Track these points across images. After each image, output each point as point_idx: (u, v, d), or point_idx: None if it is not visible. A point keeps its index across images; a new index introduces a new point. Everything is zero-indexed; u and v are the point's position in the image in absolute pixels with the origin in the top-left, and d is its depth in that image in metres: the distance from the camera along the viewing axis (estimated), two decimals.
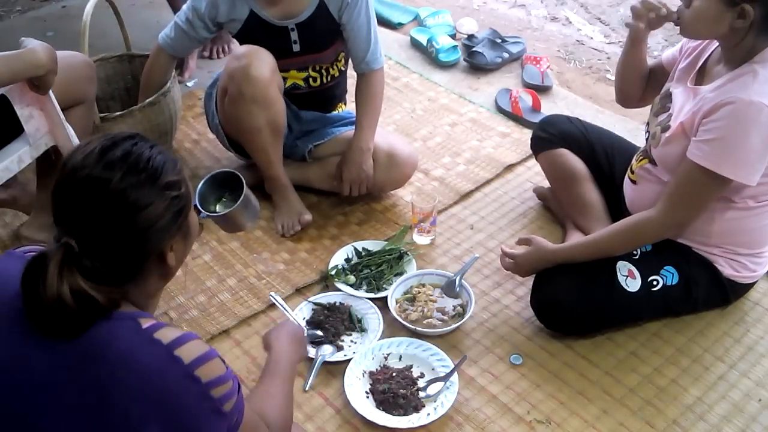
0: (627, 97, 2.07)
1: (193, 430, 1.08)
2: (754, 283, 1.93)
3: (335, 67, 2.37)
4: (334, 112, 2.51)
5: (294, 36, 2.21)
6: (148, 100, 2.42)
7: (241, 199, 1.61)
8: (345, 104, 2.57)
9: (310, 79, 2.33)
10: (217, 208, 1.72)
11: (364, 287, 2.08)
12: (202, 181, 1.66)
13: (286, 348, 1.51)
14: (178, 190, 1.14)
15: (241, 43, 2.25)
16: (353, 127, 2.41)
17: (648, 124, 1.91)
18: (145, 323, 1.08)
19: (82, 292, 1.03)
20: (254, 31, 2.20)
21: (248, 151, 2.30)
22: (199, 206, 1.57)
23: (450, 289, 2.03)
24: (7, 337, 1.08)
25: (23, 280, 1.04)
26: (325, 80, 2.36)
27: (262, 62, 2.11)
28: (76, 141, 2.05)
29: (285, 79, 2.28)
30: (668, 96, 1.84)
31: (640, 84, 2.01)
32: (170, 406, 1.05)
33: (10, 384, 1.06)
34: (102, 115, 2.34)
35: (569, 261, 1.84)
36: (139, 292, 1.15)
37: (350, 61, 2.38)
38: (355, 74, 2.37)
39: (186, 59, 3.17)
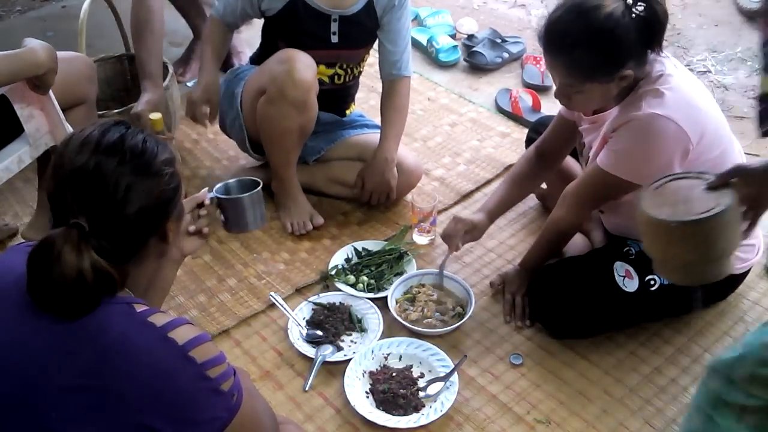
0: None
1: (192, 410, 1.09)
2: (748, 272, 1.93)
3: (359, 67, 2.39)
4: (347, 113, 2.51)
5: (334, 27, 2.20)
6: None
7: (255, 190, 1.68)
8: (354, 104, 2.57)
9: (336, 77, 2.32)
10: None
11: (364, 287, 2.08)
12: (225, 182, 1.74)
13: None
14: (173, 167, 1.20)
15: (275, 28, 2.24)
16: (364, 130, 2.43)
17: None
18: (139, 308, 1.11)
19: (100, 268, 1.07)
20: (295, 14, 2.17)
21: (269, 151, 2.29)
22: (216, 193, 1.64)
23: (438, 282, 2.05)
24: (4, 322, 1.10)
25: (32, 261, 1.06)
26: (347, 79, 2.36)
27: (306, 67, 2.11)
28: None
29: None
30: (588, 147, 1.92)
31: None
32: (167, 387, 1.07)
33: (8, 367, 1.08)
34: (100, 112, 2.34)
35: (531, 265, 2.00)
36: (138, 274, 1.19)
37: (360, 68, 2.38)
38: (362, 76, 2.38)
39: (189, 60, 3.16)
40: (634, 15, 1.59)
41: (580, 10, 1.62)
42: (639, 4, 1.59)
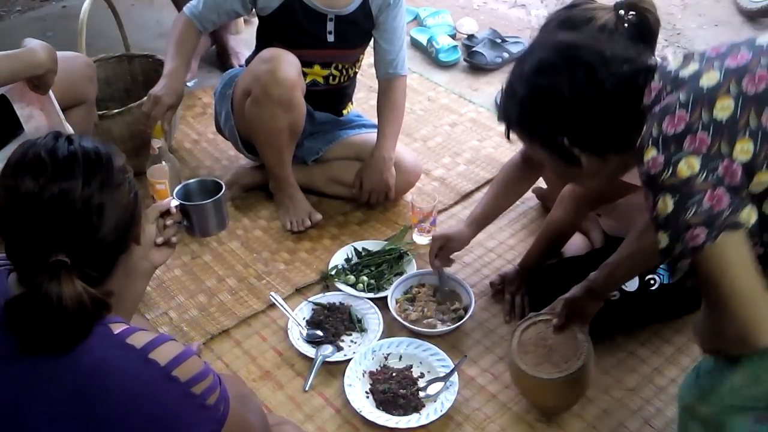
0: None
1: (180, 428, 1.07)
2: None
3: (354, 67, 2.38)
4: (344, 113, 2.51)
5: (330, 26, 2.19)
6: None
7: (218, 196, 1.60)
8: (352, 103, 2.57)
9: (331, 78, 2.32)
10: None
11: (364, 287, 2.08)
12: (184, 183, 1.66)
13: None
14: (129, 171, 1.15)
15: (270, 28, 2.23)
16: (362, 130, 2.42)
17: None
18: (117, 329, 1.07)
19: (93, 297, 1.02)
20: (292, 13, 2.16)
21: (261, 152, 2.29)
22: (176, 197, 1.55)
23: (443, 285, 2.04)
24: None
25: (21, 309, 1.00)
26: (342, 80, 2.36)
27: (290, 65, 2.10)
28: None
29: (305, 74, 2.24)
30: None
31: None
32: (152, 410, 1.04)
33: None
34: (101, 112, 2.34)
35: (530, 265, 2.00)
36: (112, 286, 1.14)
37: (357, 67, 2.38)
38: (362, 76, 2.37)
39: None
40: (626, 24, 1.60)
41: (573, 23, 1.62)
42: (630, 13, 1.60)
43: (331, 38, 2.22)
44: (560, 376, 1.63)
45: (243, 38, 3.23)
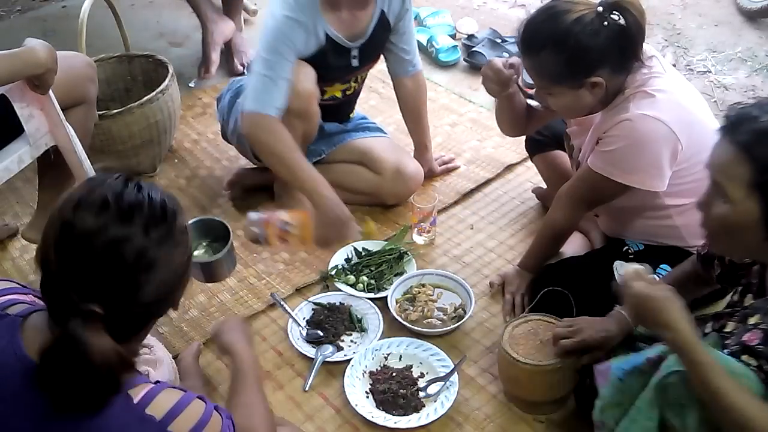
0: (510, 133, 2.20)
1: None
2: None
3: (367, 73, 2.40)
4: (350, 116, 2.51)
5: (354, 52, 2.21)
6: (146, 98, 2.42)
7: (227, 247, 1.52)
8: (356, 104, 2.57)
9: (347, 90, 2.34)
10: (198, 253, 1.66)
11: (364, 287, 2.08)
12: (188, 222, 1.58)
13: (248, 349, 1.48)
14: (189, 232, 1.10)
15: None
16: (366, 134, 2.43)
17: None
18: (137, 394, 1.04)
19: (120, 355, 1.00)
20: (324, 55, 2.15)
21: None
22: None
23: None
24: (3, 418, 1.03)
25: (53, 358, 0.98)
26: (358, 87, 2.39)
27: (306, 77, 2.11)
28: (76, 141, 2.05)
29: (325, 92, 2.25)
30: (577, 150, 1.93)
31: (522, 122, 2.10)
32: None
33: None
34: (101, 112, 2.34)
35: (529, 266, 2.00)
36: (138, 342, 1.13)
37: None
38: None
39: (208, 53, 3.07)
40: (606, 23, 1.59)
41: (551, 13, 1.64)
42: (613, 13, 1.59)
43: (355, 62, 2.24)
44: (551, 363, 1.62)
45: (247, 37, 3.23)
